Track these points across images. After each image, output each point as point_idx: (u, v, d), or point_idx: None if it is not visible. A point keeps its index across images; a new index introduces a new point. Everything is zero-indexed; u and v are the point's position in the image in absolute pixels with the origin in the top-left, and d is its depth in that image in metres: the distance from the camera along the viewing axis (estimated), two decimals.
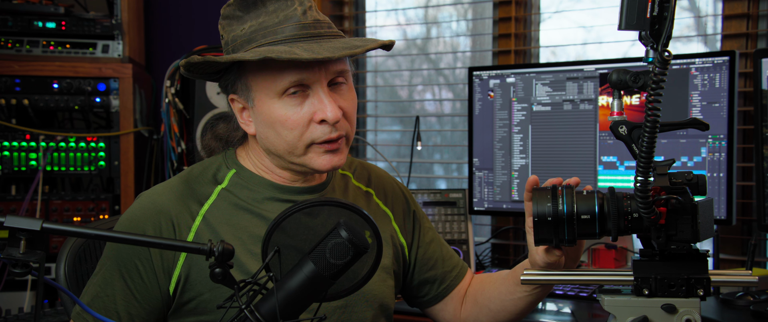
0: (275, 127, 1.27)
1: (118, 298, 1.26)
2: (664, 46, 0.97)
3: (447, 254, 1.57)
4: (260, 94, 1.27)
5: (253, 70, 1.26)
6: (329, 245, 0.97)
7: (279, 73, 1.24)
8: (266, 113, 1.27)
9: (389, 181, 1.57)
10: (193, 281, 1.27)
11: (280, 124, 1.26)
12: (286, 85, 1.24)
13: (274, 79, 1.24)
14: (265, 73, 1.25)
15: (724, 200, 2.03)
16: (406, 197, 1.56)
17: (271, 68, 1.24)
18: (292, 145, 1.27)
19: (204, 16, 2.98)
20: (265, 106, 1.27)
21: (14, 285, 2.43)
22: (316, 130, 1.26)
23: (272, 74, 1.24)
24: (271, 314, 0.96)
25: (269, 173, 1.36)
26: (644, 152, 1.00)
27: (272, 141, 1.29)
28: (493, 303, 1.46)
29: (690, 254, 1.09)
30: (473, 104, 2.39)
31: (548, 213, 1.11)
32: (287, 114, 1.25)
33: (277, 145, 1.29)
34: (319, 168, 1.29)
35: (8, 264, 0.91)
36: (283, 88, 1.24)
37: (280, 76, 1.24)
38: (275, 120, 1.26)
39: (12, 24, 2.53)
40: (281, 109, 1.25)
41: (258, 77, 1.26)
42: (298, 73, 1.23)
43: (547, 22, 2.72)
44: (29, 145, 2.51)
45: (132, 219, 1.30)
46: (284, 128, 1.26)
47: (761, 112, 1.92)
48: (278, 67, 1.23)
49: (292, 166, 1.32)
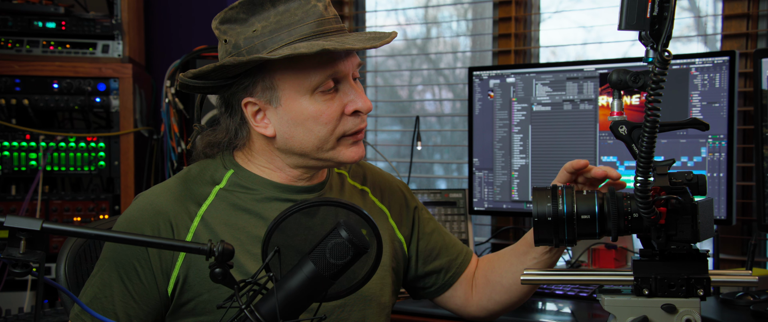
0: (306, 124, 1.27)
1: (116, 299, 1.26)
2: (664, 46, 0.97)
3: (450, 242, 1.57)
4: (289, 92, 1.26)
5: (280, 69, 1.26)
6: (329, 245, 0.97)
7: (311, 70, 1.24)
8: (296, 111, 1.27)
9: (386, 178, 1.57)
10: (192, 281, 1.27)
11: (312, 121, 1.27)
12: (320, 80, 1.25)
13: (306, 75, 1.25)
14: (294, 70, 1.25)
15: (724, 200, 2.03)
16: (403, 192, 1.56)
17: (301, 65, 1.24)
18: (323, 140, 1.28)
19: (204, 16, 2.98)
20: (294, 104, 1.27)
21: (14, 285, 2.43)
22: (348, 122, 1.29)
23: (303, 71, 1.25)
24: (271, 314, 0.96)
25: (274, 173, 1.35)
26: (644, 152, 1.00)
27: (300, 139, 1.29)
28: (505, 278, 1.47)
29: (690, 254, 1.09)
30: (473, 104, 2.39)
31: (548, 213, 1.11)
32: (320, 109, 1.26)
33: (305, 142, 1.29)
34: (346, 160, 1.32)
35: (8, 264, 0.91)
36: (316, 84, 1.25)
37: (312, 72, 1.25)
38: (307, 117, 1.27)
39: (12, 24, 2.53)
40: (313, 105, 1.26)
41: (286, 76, 1.26)
42: (331, 67, 1.25)
43: (547, 22, 2.72)
44: (29, 145, 2.51)
45: (130, 220, 1.30)
46: (317, 124, 1.27)
47: (761, 112, 1.92)
48: (309, 63, 1.24)
49: (313, 162, 1.32)
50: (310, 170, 1.36)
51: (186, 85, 1.30)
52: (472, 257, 1.57)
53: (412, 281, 1.56)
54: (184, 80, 1.29)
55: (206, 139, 1.38)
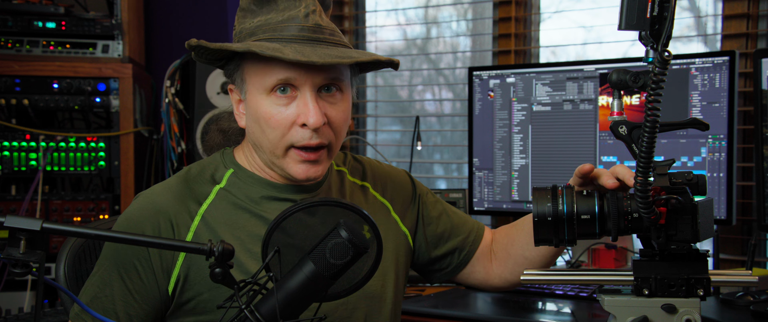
0: (260, 123, 1.28)
1: (116, 298, 1.26)
2: (664, 46, 0.97)
3: (459, 222, 1.56)
4: (251, 87, 1.29)
5: (249, 63, 1.28)
6: (329, 245, 0.97)
7: (269, 70, 1.25)
8: (254, 108, 1.28)
9: (387, 170, 1.55)
10: (192, 280, 1.27)
11: (264, 121, 1.27)
12: (273, 83, 1.25)
13: (264, 74, 1.26)
14: (257, 67, 1.27)
15: (724, 200, 2.03)
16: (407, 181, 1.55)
17: (263, 63, 1.26)
18: (273, 145, 1.28)
19: (204, 16, 2.98)
20: (254, 100, 1.28)
21: (14, 285, 2.43)
22: (297, 133, 1.26)
23: (263, 69, 1.26)
24: (271, 314, 0.96)
25: (263, 172, 1.36)
26: (644, 152, 1.00)
27: (257, 137, 1.30)
28: (527, 251, 1.46)
29: (690, 254, 1.08)
30: (473, 104, 2.39)
31: (548, 213, 1.11)
32: (271, 112, 1.26)
33: (261, 141, 1.30)
34: (295, 176, 1.29)
35: (8, 264, 0.91)
36: (270, 85, 1.26)
37: (270, 73, 1.25)
38: (260, 116, 1.27)
39: (12, 24, 2.53)
40: (268, 106, 1.27)
41: (251, 70, 1.28)
42: (285, 72, 1.24)
43: (547, 22, 2.72)
44: (29, 145, 2.51)
45: (130, 219, 1.30)
46: (268, 126, 1.27)
47: (761, 112, 1.92)
48: (269, 63, 1.25)
49: (273, 167, 1.33)
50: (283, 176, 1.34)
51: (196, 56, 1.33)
52: (485, 232, 1.57)
53: (427, 265, 1.55)
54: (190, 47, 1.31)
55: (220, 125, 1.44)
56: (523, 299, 2.00)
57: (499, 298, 2.03)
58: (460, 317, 1.89)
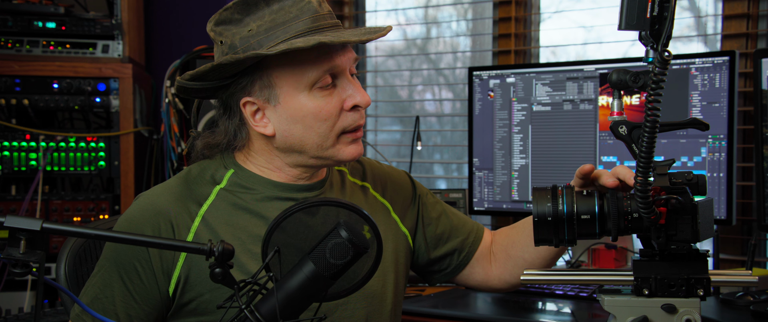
0: (305, 121, 1.27)
1: (117, 299, 1.26)
2: (664, 46, 0.97)
3: (459, 223, 1.55)
4: (287, 89, 1.26)
5: (277, 66, 1.26)
6: (329, 245, 0.97)
7: (308, 65, 1.25)
8: (295, 108, 1.27)
9: (386, 171, 1.55)
10: (193, 281, 1.27)
11: (312, 117, 1.26)
12: (317, 75, 1.25)
13: (303, 71, 1.25)
14: (291, 67, 1.25)
15: (724, 200, 2.03)
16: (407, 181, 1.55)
17: (297, 61, 1.25)
18: (323, 137, 1.28)
19: (204, 16, 2.97)
20: (293, 101, 1.27)
21: (14, 285, 2.43)
22: (348, 117, 1.29)
23: (300, 67, 1.25)
24: (271, 314, 0.96)
25: (275, 172, 1.35)
26: (644, 152, 1.00)
27: (299, 136, 1.28)
28: (527, 253, 1.46)
29: (690, 254, 1.08)
30: (473, 104, 2.39)
31: (548, 213, 1.11)
32: (319, 105, 1.26)
33: (305, 140, 1.28)
34: (346, 158, 1.31)
35: (8, 264, 0.91)
36: (314, 80, 1.25)
37: (309, 68, 1.25)
38: (306, 113, 1.26)
39: (12, 24, 2.53)
40: (312, 101, 1.26)
41: (284, 72, 1.26)
42: (327, 62, 1.25)
43: (547, 22, 2.72)
44: (29, 145, 2.51)
45: (130, 220, 1.30)
46: (317, 120, 1.27)
47: (761, 112, 1.92)
48: (305, 59, 1.24)
49: (312, 160, 1.32)
50: (309, 169, 1.35)
51: (184, 89, 1.30)
52: (485, 234, 1.57)
53: (426, 266, 1.55)
54: (182, 83, 1.29)
55: (205, 141, 1.38)
56: (523, 299, 2.01)
57: (499, 298, 2.03)
58: (460, 317, 1.89)
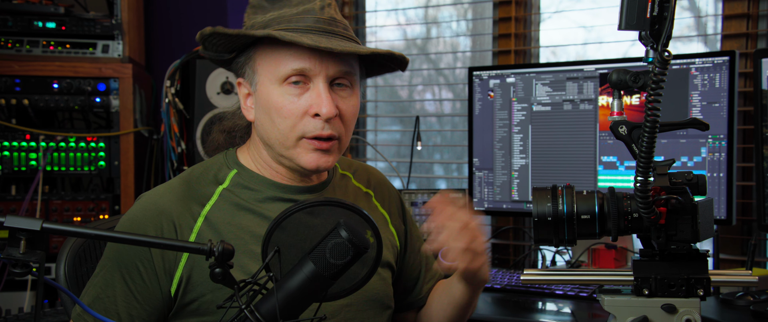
0: (271, 114, 1.28)
1: (118, 299, 1.26)
2: (664, 46, 0.97)
3: (430, 261, 1.59)
4: (263, 78, 1.29)
5: (262, 53, 1.29)
6: (329, 245, 0.96)
7: (283, 59, 1.26)
8: (265, 98, 1.29)
9: (387, 185, 1.58)
10: (195, 282, 1.27)
11: (275, 111, 1.28)
12: (287, 72, 1.26)
13: (277, 63, 1.27)
14: (271, 57, 1.28)
15: (724, 200, 2.03)
16: (401, 201, 1.59)
17: (277, 53, 1.27)
18: (284, 136, 1.28)
19: (204, 16, 2.98)
20: (265, 90, 1.29)
21: (14, 285, 2.43)
22: (309, 123, 1.27)
23: (277, 59, 1.27)
24: (271, 314, 0.96)
25: (270, 171, 1.36)
26: (644, 152, 1.00)
27: (267, 129, 1.30)
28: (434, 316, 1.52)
29: (690, 254, 1.09)
30: (473, 104, 2.39)
31: (548, 213, 1.11)
32: (283, 102, 1.27)
33: (270, 133, 1.30)
34: (305, 165, 1.30)
35: (8, 264, 0.91)
36: (284, 75, 1.26)
37: (284, 62, 1.26)
38: (272, 106, 1.28)
39: (12, 24, 2.53)
40: (280, 96, 1.27)
41: (264, 61, 1.29)
42: (300, 61, 1.26)
43: (547, 22, 2.72)
44: (29, 145, 2.51)
45: (133, 220, 1.30)
46: (279, 116, 1.27)
47: (761, 112, 1.92)
48: (283, 53, 1.26)
49: (282, 159, 1.33)
50: (291, 170, 1.35)
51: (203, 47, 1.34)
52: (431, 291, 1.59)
53: None
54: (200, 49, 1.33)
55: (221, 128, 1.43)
56: (523, 299, 2.00)
57: (499, 298, 2.03)
58: None
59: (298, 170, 1.33)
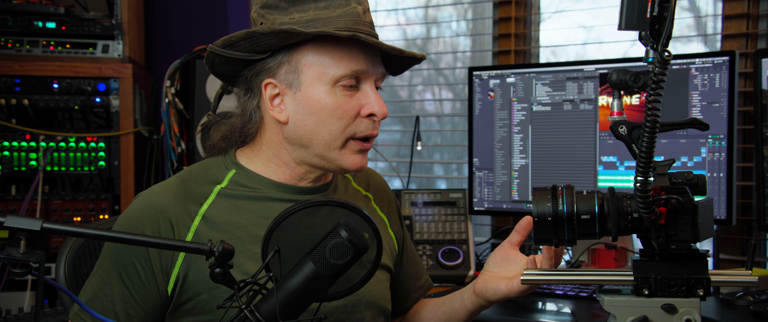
0: (320, 115, 1.27)
1: (116, 298, 1.26)
2: (664, 46, 0.97)
3: (420, 271, 1.60)
4: (312, 78, 1.27)
5: (309, 53, 1.26)
6: (329, 245, 0.96)
7: (337, 61, 1.26)
8: (314, 99, 1.27)
9: (386, 188, 1.58)
10: (191, 281, 1.27)
11: (328, 112, 1.27)
12: (343, 73, 1.26)
13: (331, 65, 1.26)
14: (322, 57, 1.26)
15: (724, 200, 2.03)
16: (398, 207, 1.59)
17: (329, 54, 1.26)
18: (334, 136, 1.28)
19: (204, 16, 2.98)
20: (314, 91, 1.27)
21: (14, 285, 2.43)
22: (361, 124, 1.29)
23: (330, 60, 1.26)
24: (271, 314, 0.96)
25: (280, 168, 1.34)
26: (644, 152, 1.00)
27: (311, 129, 1.28)
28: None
29: (690, 254, 1.09)
30: (473, 104, 2.39)
31: (548, 213, 1.11)
32: (338, 102, 1.27)
33: (315, 134, 1.28)
34: (348, 167, 1.31)
35: (8, 264, 0.91)
36: (340, 75, 1.26)
37: (338, 64, 1.26)
38: (323, 107, 1.27)
39: (12, 24, 2.53)
40: (332, 97, 1.27)
41: (313, 61, 1.26)
42: (357, 63, 1.26)
43: (547, 22, 2.72)
44: (29, 145, 2.51)
45: (130, 219, 1.30)
46: (332, 117, 1.27)
47: (761, 112, 1.92)
48: (337, 54, 1.25)
49: (317, 160, 1.31)
50: (313, 169, 1.35)
51: (212, 62, 1.31)
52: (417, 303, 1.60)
53: None
54: (214, 49, 1.28)
55: (221, 131, 1.38)
56: (523, 299, 2.00)
57: None
58: None
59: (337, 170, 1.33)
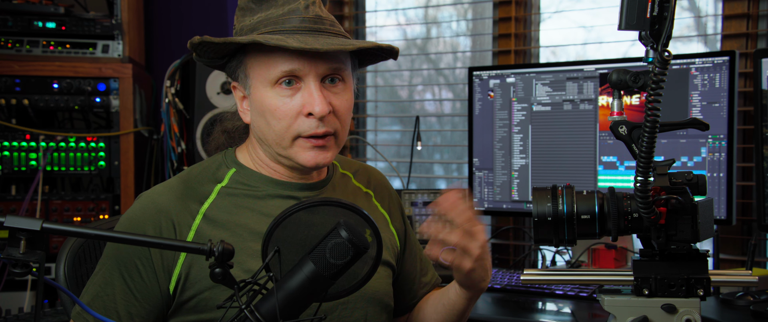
0: (266, 116, 1.29)
1: (118, 298, 1.26)
2: (664, 46, 0.97)
3: (426, 267, 1.60)
4: (255, 81, 1.30)
5: (251, 57, 1.30)
6: (329, 244, 0.96)
7: (273, 62, 1.26)
8: (259, 101, 1.29)
9: (387, 185, 1.58)
10: (194, 279, 1.27)
11: (270, 113, 1.28)
12: (278, 74, 1.26)
13: (268, 67, 1.27)
14: (261, 61, 1.28)
15: (724, 200, 2.03)
16: (399, 204, 1.59)
17: (266, 57, 1.27)
18: (279, 136, 1.29)
19: (204, 16, 2.98)
20: (258, 93, 1.29)
21: (14, 285, 2.43)
22: (304, 123, 1.28)
23: (267, 62, 1.27)
24: (271, 314, 0.96)
25: (268, 169, 1.37)
26: (644, 152, 1.00)
27: (263, 130, 1.31)
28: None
29: (690, 254, 1.09)
30: (473, 104, 2.39)
31: (548, 213, 1.11)
32: (277, 104, 1.27)
33: (266, 134, 1.31)
34: (303, 163, 1.30)
35: (8, 264, 0.91)
36: (275, 77, 1.27)
37: (274, 65, 1.26)
38: (266, 109, 1.28)
39: (12, 24, 2.53)
40: (273, 98, 1.28)
41: (255, 65, 1.29)
42: (289, 62, 1.26)
43: (547, 22, 2.72)
44: (29, 145, 2.51)
45: (132, 219, 1.30)
46: (273, 118, 1.28)
47: (761, 112, 1.92)
48: (272, 56, 1.26)
49: (280, 158, 1.33)
50: (290, 169, 1.36)
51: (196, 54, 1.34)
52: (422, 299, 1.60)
53: None
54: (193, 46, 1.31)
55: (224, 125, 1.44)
56: (523, 299, 2.00)
57: (499, 298, 2.03)
58: None
59: (297, 167, 1.34)
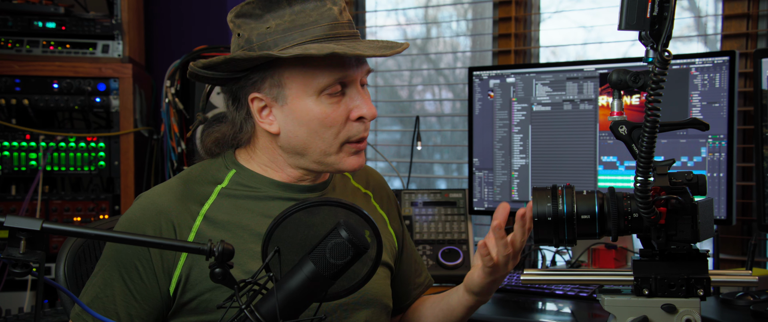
0: (311, 126, 1.27)
1: (117, 298, 1.26)
2: (664, 46, 0.97)
3: (420, 268, 1.60)
4: (296, 91, 1.26)
5: (289, 67, 1.26)
6: (329, 245, 0.96)
7: (319, 72, 1.24)
8: (302, 111, 1.27)
9: (385, 186, 1.59)
10: (194, 281, 1.27)
11: (317, 122, 1.26)
12: (327, 82, 1.25)
13: (314, 76, 1.25)
14: (303, 70, 1.25)
15: (724, 200, 2.03)
16: (397, 205, 1.59)
17: (310, 66, 1.25)
18: (327, 144, 1.28)
19: (204, 16, 2.98)
20: (300, 103, 1.26)
21: (14, 285, 2.43)
22: (353, 127, 1.29)
23: (311, 72, 1.25)
24: (271, 314, 0.96)
25: (276, 172, 1.35)
26: (644, 152, 1.00)
27: (303, 139, 1.28)
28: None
29: (690, 254, 1.09)
30: (473, 104, 2.39)
31: (548, 213, 1.11)
32: (326, 111, 1.26)
33: (309, 144, 1.28)
34: (347, 168, 1.31)
35: (8, 264, 0.91)
36: (323, 86, 1.25)
37: (321, 74, 1.25)
38: (312, 118, 1.26)
39: (12, 24, 2.53)
40: (319, 106, 1.26)
41: (295, 75, 1.26)
42: (339, 71, 1.25)
43: (547, 22, 2.72)
44: (29, 145, 2.51)
45: (132, 220, 1.30)
46: (322, 126, 1.27)
47: (761, 112, 1.92)
48: (318, 65, 1.24)
49: (313, 165, 1.32)
50: (311, 172, 1.35)
51: (195, 75, 1.30)
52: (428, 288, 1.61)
53: None
54: (194, 70, 1.29)
55: (213, 136, 1.38)
56: (523, 299, 2.00)
57: (499, 298, 2.03)
58: None
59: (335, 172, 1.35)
